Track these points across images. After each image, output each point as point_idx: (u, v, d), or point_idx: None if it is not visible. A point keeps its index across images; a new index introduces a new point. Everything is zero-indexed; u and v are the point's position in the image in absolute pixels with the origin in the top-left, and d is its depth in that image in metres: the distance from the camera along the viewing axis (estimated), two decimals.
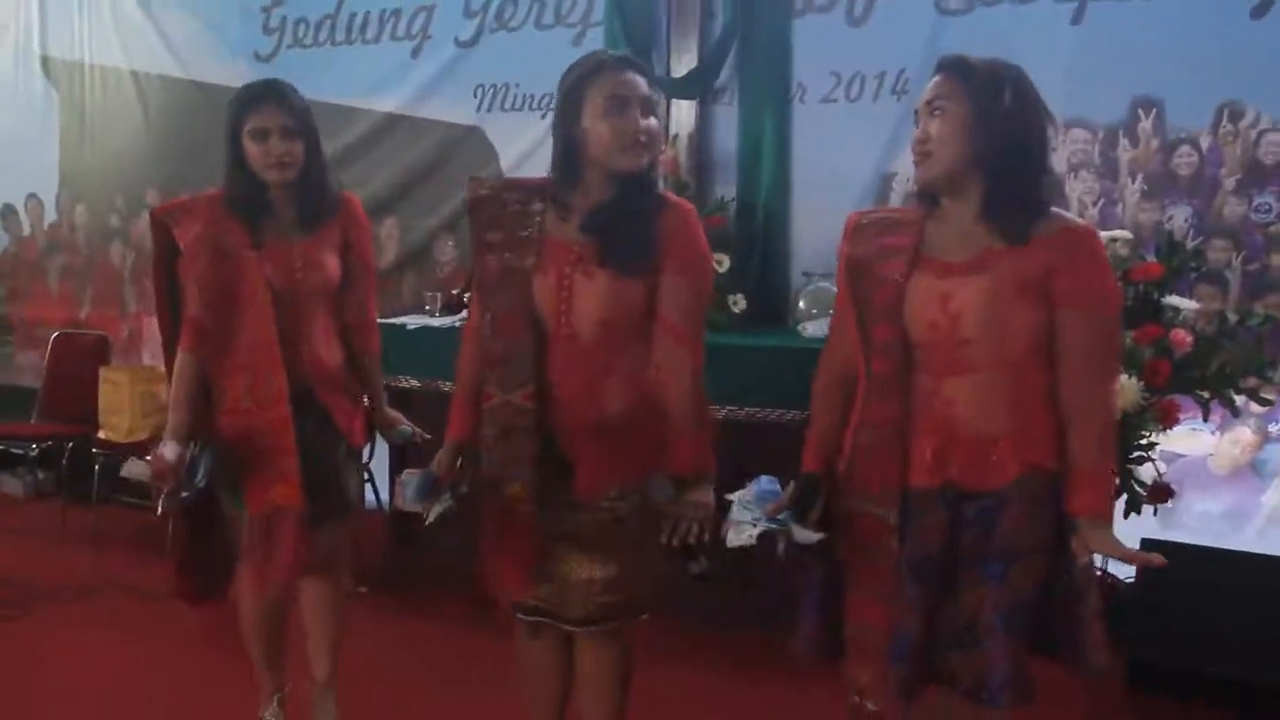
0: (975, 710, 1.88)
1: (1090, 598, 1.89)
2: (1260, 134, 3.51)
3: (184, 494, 2.37)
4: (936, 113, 1.83)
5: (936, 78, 1.86)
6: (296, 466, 2.42)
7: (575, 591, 2.16)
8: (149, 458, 2.49)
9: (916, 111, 1.88)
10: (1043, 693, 1.88)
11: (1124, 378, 2.76)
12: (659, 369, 2.07)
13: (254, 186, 2.45)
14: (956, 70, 1.84)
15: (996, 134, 1.80)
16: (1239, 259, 3.56)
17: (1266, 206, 3.53)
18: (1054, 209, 1.86)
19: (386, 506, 4.11)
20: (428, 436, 2.61)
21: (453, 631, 3.49)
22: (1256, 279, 3.55)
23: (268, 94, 2.43)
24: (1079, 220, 1.91)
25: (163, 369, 4.33)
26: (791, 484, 2.00)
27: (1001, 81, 1.82)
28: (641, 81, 2.04)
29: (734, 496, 2.02)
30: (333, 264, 2.53)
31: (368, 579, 3.79)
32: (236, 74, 5.02)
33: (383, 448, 3.52)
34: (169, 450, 2.37)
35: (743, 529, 1.95)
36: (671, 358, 2.06)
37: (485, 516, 2.18)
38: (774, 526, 1.93)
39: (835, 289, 2.10)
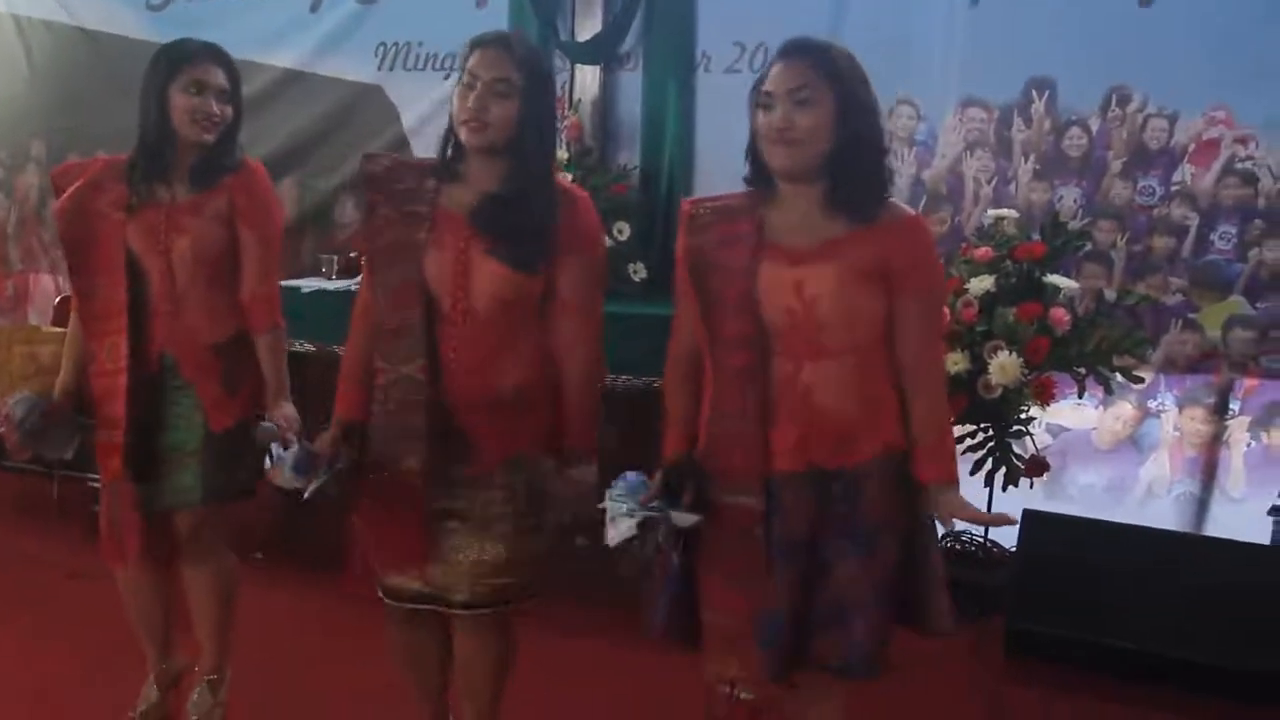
0: (846, 686, 1.95)
1: (937, 563, 1.96)
2: (1146, 118, 3.61)
3: (16, 439, 2.41)
4: (804, 103, 1.80)
5: (792, 63, 1.83)
6: (122, 440, 2.37)
7: (462, 573, 2.14)
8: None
9: (768, 93, 1.83)
10: (922, 664, 1.95)
11: (1005, 354, 2.84)
12: (558, 346, 2.11)
13: (166, 144, 2.37)
14: (819, 58, 1.82)
15: (858, 127, 1.82)
16: (1124, 240, 3.68)
17: (1150, 189, 3.64)
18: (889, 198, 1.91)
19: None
20: (290, 437, 2.37)
21: (348, 597, 3.44)
22: (1140, 260, 3.67)
23: (209, 51, 2.40)
24: (909, 209, 1.96)
25: (47, 329, 4.25)
26: (659, 472, 1.99)
27: (860, 73, 1.84)
28: (505, 60, 1.99)
29: (607, 495, 1.99)
30: (207, 231, 2.41)
31: (263, 545, 3.73)
32: (127, 23, 4.77)
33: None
34: (12, 400, 2.42)
35: (620, 522, 1.93)
36: (572, 336, 2.10)
37: (369, 495, 2.16)
38: (652, 514, 1.93)
39: None
